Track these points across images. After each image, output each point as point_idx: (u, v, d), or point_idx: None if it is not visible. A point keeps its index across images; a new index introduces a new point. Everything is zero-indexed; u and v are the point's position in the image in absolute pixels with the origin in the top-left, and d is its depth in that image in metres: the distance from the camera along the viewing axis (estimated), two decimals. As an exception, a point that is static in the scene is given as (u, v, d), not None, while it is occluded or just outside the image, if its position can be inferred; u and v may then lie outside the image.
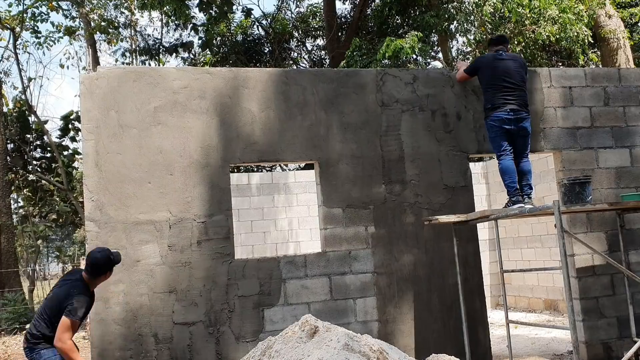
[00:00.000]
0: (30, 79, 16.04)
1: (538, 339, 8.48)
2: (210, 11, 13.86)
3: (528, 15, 13.07)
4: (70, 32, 16.07)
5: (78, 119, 16.72)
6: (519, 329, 9.08)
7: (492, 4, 12.81)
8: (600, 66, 14.24)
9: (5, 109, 15.11)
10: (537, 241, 11.39)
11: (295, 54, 19.73)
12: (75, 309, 4.42)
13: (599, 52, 15.52)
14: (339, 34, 16.98)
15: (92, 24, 15.75)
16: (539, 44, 13.87)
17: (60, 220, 17.43)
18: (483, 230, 12.30)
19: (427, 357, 4.99)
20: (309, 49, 19.87)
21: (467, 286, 6.35)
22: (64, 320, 4.40)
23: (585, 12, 13.26)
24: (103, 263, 4.68)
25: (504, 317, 6.10)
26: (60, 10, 15.28)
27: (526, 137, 6.13)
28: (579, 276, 6.59)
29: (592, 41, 14.31)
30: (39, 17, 15.26)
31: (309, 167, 14.52)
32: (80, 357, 4.54)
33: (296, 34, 19.22)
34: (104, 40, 16.82)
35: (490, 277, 12.30)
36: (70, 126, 17.01)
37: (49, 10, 15.14)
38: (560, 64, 16.09)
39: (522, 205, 5.88)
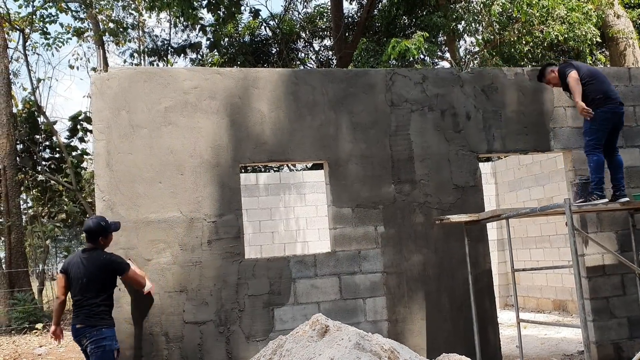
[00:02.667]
0: (39, 80, 16.14)
1: (547, 339, 8.46)
2: (219, 12, 13.90)
3: (536, 15, 13.05)
4: (79, 33, 16.16)
5: (86, 119, 16.81)
6: (528, 329, 9.06)
7: (500, 4, 12.78)
8: (609, 66, 14.18)
9: (14, 110, 15.19)
10: (546, 241, 11.36)
11: (303, 55, 19.76)
12: (122, 263, 5.13)
13: (607, 52, 15.48)
14: (346, 34, 17.00)
15: (101, 25, 15.83)
16: (547, 43, 13.85)
17: (69, 220, 17.51)
18: (491, 231, 12.29)
19: (437, 356, 5.00)
20: (317, 49, 19.91)
21: (477, 286, 6.34)
22: (128, 275, 5.16)
23: (593, 11, 13.23)
24: (93, 229, 5.09)
25: (513, 317, 6.11)
26: (69, 12, 15.36)
27: (620, 131, 6.06)
28: (589, 276, 6.57)
29: (600, 41, 14.27)
30: (48, 19, 15.35)
31: (317, 167, 14.55)
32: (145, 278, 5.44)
33: (303, 35, 19.25)
34: (112, 42, 16.89)
35: (499, 278, 12.28)
36: (78, 127, 17.08)
37: (57, 12, 15.22)
38: (568, 63, 15.98)
39: (624, 198, 5.85)
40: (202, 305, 5.80)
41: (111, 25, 15.72)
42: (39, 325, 11.84)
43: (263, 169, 16.18)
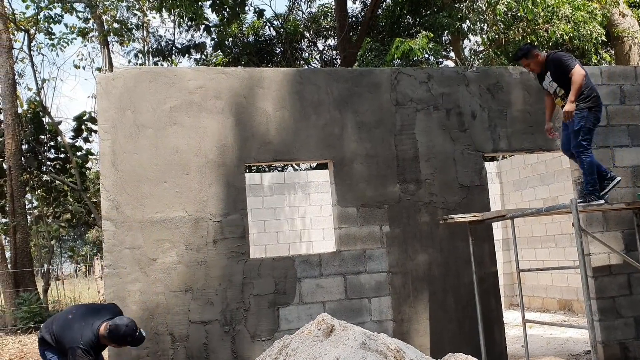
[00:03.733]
0: (44, 80, 16.18)
1: (553, 339, 8.43)
2: (223, 12, 13.91)
3: (541, 14, 13.02)
4: (83, 33, 16.19)
5: (91, 119, 16.84)
6: (534, 329, 9.03)
7: (505, 3, 12.75)
8: (614, 65, 14.13)
9: (19, 110, 15.23)
10: (551, 241, 11.33)
11: (307, 54, 19.75)
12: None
13: (612, 51, 15.42)
14: (350, 34, 16.98)
15: (105, 25, 15.87)
16: (552, 42, 13.80)
17: (74, 220, 17.55)
18: (496, 230, 12.24)
19: (443, 356, 4.98)
20: (321, 49, 19.89)
21: (482, 286, 6.32)
22: None
23: (599, 10, 13.18)
24: (122, 335, 4.52)
25: (518, 317, 6.09)
26: (74, 12, 15.39)
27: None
28: (595, 276, 6.53)
29: (605, 40, 14.22)
30: (53, 19, 15.39)
31: (321, 166, 14.54)
32: None
33: (307, 34, 19.24)
34: (117, 42, 16.92)
35: (504, 277, 12.25)
36: (83, 127, 17.11)
37: (62, 12, 15.27)
38: (573, 63, 15.94)
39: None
40: (207, 304, 5.81)
41: (116, 25, 15.75)
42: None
43: (267, 169, 16.19)
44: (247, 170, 13.49)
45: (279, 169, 16.84)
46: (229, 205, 6.01)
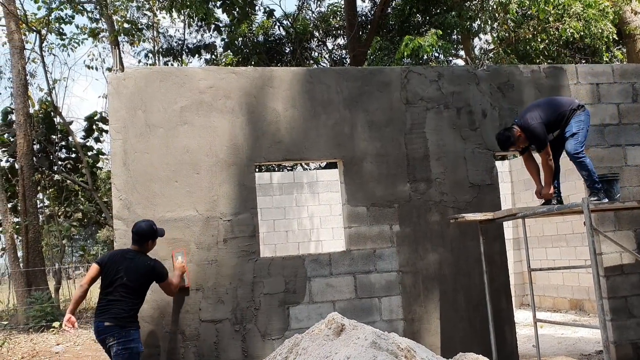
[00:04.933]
0: (55, 81, 16.29)
1: (565, 339, 8.38)
2: (233, 12, 13.94)
3: (552, 12, 12.94)
4: (94, 34, 16.28)
5: (102, 119, 16.94)
6: (545, 329, 8.98)
7: (517, 2, 12.67)
8: (626, 63, 14.02)
9: (31, 110, 15.34)
10: (562, 240, 11.27)
11: (316, 54, 19.74)
12: (164, 272, 5.25)
13: (624, 49, 15.31)
14: (360, 33, 16.95)
15: (116, 25, 15.94)
16: (562, 41, 13.72)
17: (85, 220, 17.66)
18: (507, 230, 12.20)
19: (453, 356, 4.97)
20: (330, 48, 19.87)
21: (493, 285, 6.30)
22: (166, 282, 5.28)
23: (610, 8, 13.09)
24: (145, 231, 5.21)
25: (529, 316, 6.06)
26: (85, 13, 15.48)
27: None
28: (607, 275, 6.49)
29: (616, 38, 14.12)
30: (64, 20, 15.48)
31: (330, 166, 14.53)
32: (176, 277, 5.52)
33: (317, 34, 19.23)
34: (127, 42, 17.00)
35: (515, 277, 12.19)
36: (94, 127, 17.21)
37: (73, 13, 15.35)
38: (583, 61, 15.89)
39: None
40: (218, 303, 5.83)
41: (126, 25, 15.82)
42: (56, 324, 11.95)
43: (277, 168, 16.20)
44: (257, 170, 13.51)
45: (288, 168, 16.85)
46: (239, 205, 6.02)
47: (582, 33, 12.91)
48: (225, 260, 5.90)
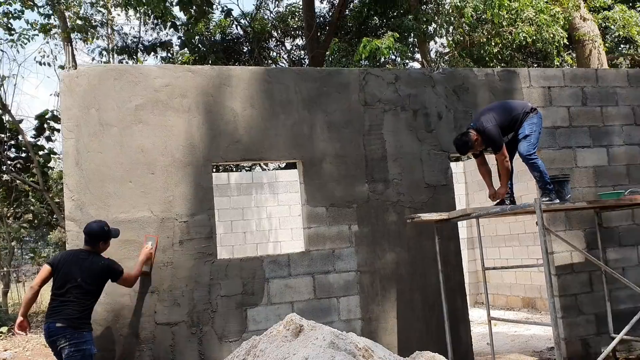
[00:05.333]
0: (4, 78, 15.70)
1: (517, 336, 8.59)
2: (191, 10, 13.76)
3: (505, 17, 13.25)
4: (45, 30, 15.77)
5: (54, 118, 16.42)
6: (499, 326, 9.19)
7: (472, 6, 12.93)
8: (576, 67, 14.48)
9: (-22, 108, 14.76)
10: (515, 240, 11.54)
11: (275, 54, 19.69)
12: (118, 270, 5.15)
13: (574, 54, 15.80)
14: (318, 34, 16.99)
15: (68, 22, 15.50)
16: (515, 45, 14.06)
17: (36, 221, 17.10)
18: (461, 229, 12.41)
19: (410, 354, 5.02)
20: (288, 48, 19.86)
21: (448, 284, 6.40)
22: (122, 279, 5.20)
23: (561, 14, 13.49)
24: (96, 232, 5.11)
25: (483, 314, 6.18)
26: (35, 8, 14.99)
27: None
28: (558, 274, 6.68)
29: (567, 43, 14.56)
30: (13, 15, 14.95)
31: (289, 166, 14.50)
32: (137, 264, 5.48)
33: (275, 34, 19.18)
34: (80, 39, 16.56)
35: (469, 276, 12.42)
36: (45, 125, 16.67)
37: (23, 8, 14.86)
38: (535, 65, 16.34)
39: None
40: (174, 306, 5.73)
41: (79, 22, 15.40)
42: (4, 329, 11.53)
43: (235, 168, 16.07)
44: (215, 170, 13.36)
45: (246, 168, 16.74)
46: (196, 205, 5.94)
47: (534, 37, 13.26)
48: (181, 262, 5.81)
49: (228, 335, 5.83)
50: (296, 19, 19.03)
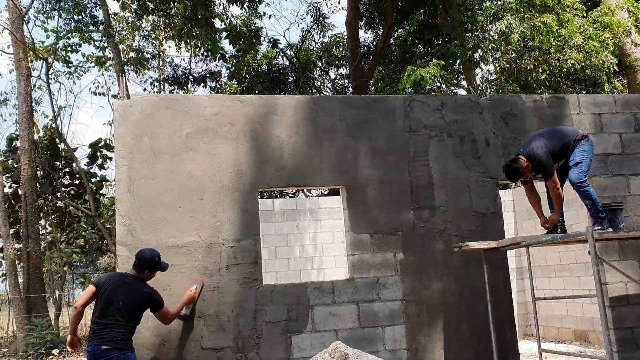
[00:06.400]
0: (60, 108, 16.42)
1: (570, 371, 8.26)
2: (239, 42, 14.15)
3: (553, 44, 13.09)
4: (100, 62, 16.48)
5: (106, 146, 17.02)
6: (550, 359, 8.86)
7: (519, 32, 12.83)
8: (627, 93, 14.13)
9: (36, 137, 15.43)
10: (566, 270, 11.18)
11: (319, 83, 19.95)
12: (160, 301, 5.14)
13: (624, 81, 15.43)
14: (362, 62, 17.15)
15: (122, 54, 16.14)
16: (564, 72, 13.84)
17: (87, 246, 17.59)
18: (510, 259, 12.12)
19: (458, 386, 4.91)
20: (333, 77, 20.09)
21: (497, 314, 6.24)
22: (161, 312, 5.17)
23: (610, 40, 13.24)
24: (147, 259, 5.15)
25: (532, 347, 6.00)
26: (92, 41, 15.70)
27: None
28: (613, 305, 6.44)
29: (617, 69, 14.24)
30: (71, 48, 15.69)
31: (333, 192, 14.54)
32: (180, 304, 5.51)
33: (320, 64, 19.46)
34: (133, 70, 17.21)
35: (518, 306, 12.06)
36: (98, 154, 17.28)
37: (81, 41, 15.58)
38: (584, 92, 16.01)
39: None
40: (219, 331, 5.78)
41: (132, 54, 16.03)
42: (56, 351, 11.83)
43: (278, 195, 16.21)
44: (259, 196, 13.51)
45: (290, 195, 16.87)
46: (242, 231, 6.02)
47: (583, 64, 13.03)
48: (228, 287, 5.87)
49: (273, 361, 5.83)
50: (340, 49, 19.29)
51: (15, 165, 15.64)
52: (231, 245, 5.96)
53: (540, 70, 13.70)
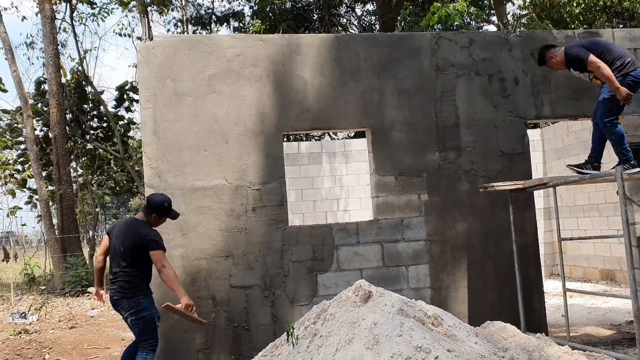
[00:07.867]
0: (86, 51, 16.44)
1: (594, 309, 8.31)
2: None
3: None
4: (124, 3, 16.32)
5: (133, 89, 17.09)
6: (575, 299, 8.92)
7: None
8: (667, 27, 13.50)
9: (63, 80, 15.54)
10: (594, 210, 11.08)
11: (345, 20, 19.48)
12: (152, 240, 4.81)
13: (665, 13, 14.73)
14: (390, -1, 16.63)
15: (145, -6, 15.92)
16: (599, 4, 13.26)
17: (117, 188, 17.97)
18: (538, 199, 12.02)
19: (481, 324, 4.98)
20: (359, 14, 19.57)
21: (522, 255, 6.25)
22: (154, 253, 4.78)
23: (651, -31, 12.57)
24: (156, 203, 5.03)
25: (559, 286, 6.02)
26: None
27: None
28: (639, 245, 6.37)
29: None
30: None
31: (359, 135, 14.46)
32: (181, 286, 4.91)
33: (345, 0, 18.94)
34: (156, 11, 17.01)
35: (545, 247, 12.07)
36: (125, 96, 17.38)
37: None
38: (621, 25, 15.34)
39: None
40: (247, 270, 5.92)
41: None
42: (91, 289, 12.30)
43: (304, 138, 16.19)
44: (285, 139, 13.52)
45: (315, 137, 16.83)
46: (268, 174, 6.05)
47: (620, -4, 12.45)
48: (255, 229, 5.97)
49: (299, 299, 5.98)
50: (367, -16, 18.69)
51: (45, 109, 15.85)
52: (257, 188, 6.02)
53: (575, 4, 13.14)
